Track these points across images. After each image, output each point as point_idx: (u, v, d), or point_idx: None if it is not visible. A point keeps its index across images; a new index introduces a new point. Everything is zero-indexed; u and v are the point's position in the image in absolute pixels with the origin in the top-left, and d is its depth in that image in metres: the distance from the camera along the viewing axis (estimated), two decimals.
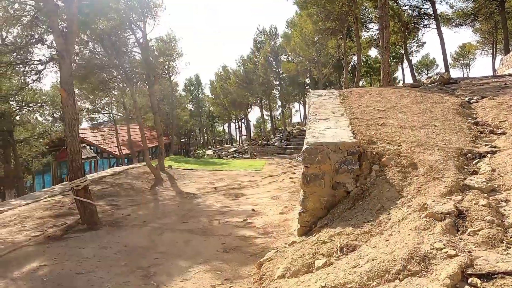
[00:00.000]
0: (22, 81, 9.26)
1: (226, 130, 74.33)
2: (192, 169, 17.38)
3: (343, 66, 23.55)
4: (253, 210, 8.92)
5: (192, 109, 50.25)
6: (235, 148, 33.08)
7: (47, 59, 8.11)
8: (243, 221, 7.77)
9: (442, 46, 24.28)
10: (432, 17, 26.17)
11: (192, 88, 52.02)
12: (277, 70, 38.65)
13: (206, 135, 60.81)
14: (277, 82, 39.59)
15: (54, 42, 7.59)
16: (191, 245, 6.13)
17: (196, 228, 7.21)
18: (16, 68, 8.67)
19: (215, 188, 12.48)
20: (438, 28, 24.36)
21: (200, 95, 53.17)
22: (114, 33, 13.08)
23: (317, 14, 18.82)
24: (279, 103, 48.89)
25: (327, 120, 6.30)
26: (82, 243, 6.31)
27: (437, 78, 10.59)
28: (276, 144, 33.33)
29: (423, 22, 26.85)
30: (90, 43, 11.87)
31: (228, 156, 28.21)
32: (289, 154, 30.45)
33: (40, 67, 8.65)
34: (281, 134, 36.03)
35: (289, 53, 32.09)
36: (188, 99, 46.95)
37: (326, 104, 8.09)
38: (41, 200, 10.15)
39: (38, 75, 8.92)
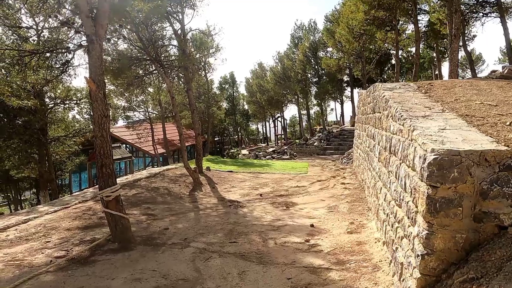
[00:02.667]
0: (49, 72, 8.29)
1: (260, 129, 73.29)
2: (231, 171, 16.09)
3: (394, 59, 21.54)
4: (312, 225, 7.44)
5: (226, 107, 49.33)
6: (273, 148, 31.59)
7: (76, 46, 7.01)
8: (304, 241, 6.30)
9: (506, 37, 21.72)
10: (493, 5, 23.60)
11: (226, 86, 51.07)
12: (315, 67, 36.93)
13: (239, 134, 59.75)
14: (316, 79, 37.82)
15: (82, 25, 6.39)
16: (247, 279, 4.73)
17: (249, 251, 5.82)
18: (42, 58, 7.69)
19: (261, 195, 11.08)
20: (502, 17, 21.81)
21: (234, 94, 52.21)
22: (150, 22, 11.96)
23: (369, 3, 17.02)
24: (314, 101, 46.92)
25: (430, 118, 4.69)
26: (111, 270, 5.06)
27: None
28: (315, 144, 31.60)
29: (483, 11, 24.21)
30: (124, 32, 10.79)
31: (266, 157, 26.80)
32: (329, 155, 28.73)
33: (68, 57, 7.61)
34: (320, 134, 34.22)
35: (331, 48, 30.24)
36: (223, 97, 45.99)
37: (409, 98, 6.44)
38: (70, 206, 9.13)
39: (66, 65, 7.87)
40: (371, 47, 30.42)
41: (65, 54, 7.60)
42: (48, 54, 7.59)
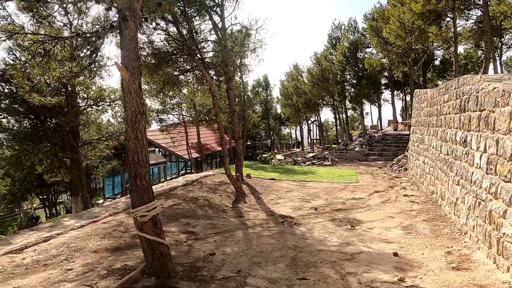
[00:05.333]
0: (76, 64, 7.17)
1: (292, 134, 71.62)
2: (274, 179, 14.60)
3: (453, 57, 19.42)
4: (395, 254, 5.81)
5: (260, 111, 48.02)
6: (313, 154, 29.87)
7: (107, 26, 5.79)
8: (398, 281, 4.70)
9: None
10: None
11: (260, 90, 49.76)
12: (355, 68, 34.95)
13: (272, 138, 58.27)
14: (355, 81, 35.77)
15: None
16: None
17: None
18: (67, 45, 6.58)
19: (316, 208, 9.50)
20: None
21: (268, 97, 50.83)
22: (190, 13, 10.74)
23: None
24: (349, 105, 44.66)
25: None
26: None
27: None
28: (356, 149, 29.66)
29: None
30: (161, 23, 9.60)
31: (306, 163, 25.13)
32: (373, 161, 26.80)
33: (97, 43, 6.42)
34: (361, 139, 32.20)
35: (375, 46, 28.26)
36: (257, 101, 44.75)
37: None
38: (99, 220, 7.92)
39: (94, 54, 6.67)
40: (417, 47, 28.25)
41: (94, 40, 6.41)
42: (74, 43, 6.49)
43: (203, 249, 6.14)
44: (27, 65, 8.13)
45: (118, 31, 5.22)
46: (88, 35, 6.18)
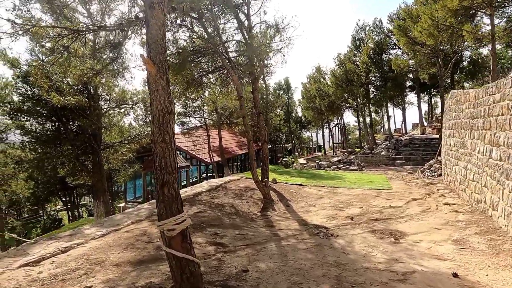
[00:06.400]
0: (97, 61, 6.72)
1: (313, 137, 70.62)
2: (301, 184, 13.90)
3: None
4: (455, 275, 5.06)
5: (282, 114, 47.33)
6: (339, 158, 28.98)
7: (131, 18, 5.29)
8: None
9: None
10: None
11: (281, 93, 49.09)
12: (380, 70, 33.88)
13: (293, 141, 57.44)
14: (380, 83, 34.66)
15: None
16: None
17: None
18: (88, 41, 6.17)
19: (352, 218, 8.76)
20: None
21: (289, 100, 50.10)
22: (216, 11, 10.22)
23: None
24: (371, 107, 43.41)
25: None
26: None
27: None
28: (382, 153, 28.60)
29: None
30: (186, 20, 9.10)
31: (331, 167, 24.27)
32: (400, 166, 25.77)
33: (119, 37, 5.93)
34: (387, 142, 31.09)
35: (403, 47, 27.20)
36: (280, 103, 44.12)
37: None
38: (121, 228, 7.42)
39: (117, 49, 6.19)
40: (445, 47, 27.01)
41: (117, 34, 5.94)
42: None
43: (235, 264, 5.52)
44: (46, 62, 7.78)
45: (143, 22, 4.67)
46: (111, 28, 5.70)
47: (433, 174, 17.67)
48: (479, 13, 20.83)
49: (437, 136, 28.53)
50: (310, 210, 9.75)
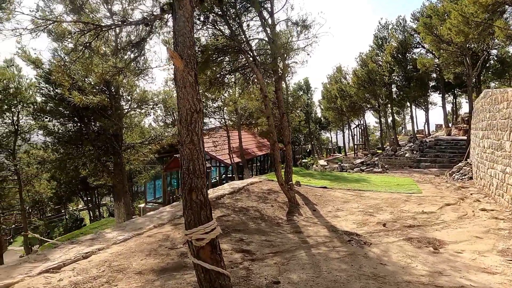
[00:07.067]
0: (120, 59, 6.48)
1: (332, 139, 69.65)
2: (325, 187, 13.42)
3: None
4: None
5: (302, 115, 46.76)
6: (362, 160, 28.29)
7: (156, 11, 5.00)
8: None
9: None
10: None
11: (301, 93, 48.49)
12: (404, 69, 32.90)
13: (312, 143, 56.70)
14: (405, 83, 33.66)
15: None
16: None
17: None
18: (111, 37, 5.92)
19: (384, 224, 8.26)
20: None
21: (308, 101, 49.43)
22: (239, 7, 9.90)
23: None
24: (390, 108, 42.36)
25: None
26: None
27: None
28: (407, 155, 27.72)
29: None
30: (210, 16, 8.79)
31: (354, 169, 23.63)
32: (425, 168, 24.89)
33: (143, 33, 5.64)
34: (412, 144, 30.18)
35: (428, 46, 26.33)
36: (300, 104, 43.62)
37: None
38: (144, 232, 7.15)
39: (141, 46, 5.90)
40: (472, 45, 25.98)
41: (140, 29, 5.67)
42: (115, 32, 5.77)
43: (264, 275, 5.14)
44: (67, 60, 7.62)
45: (169, 15, 4.35)
46: (134, 22, 5.41)
47: (463, 177, 16.89)
48: (509, 9, 19.93)
49: (464, 137, 27.51)
50: (338, 215, 9.28)
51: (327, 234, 7.48)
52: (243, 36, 9.78)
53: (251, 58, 9.84)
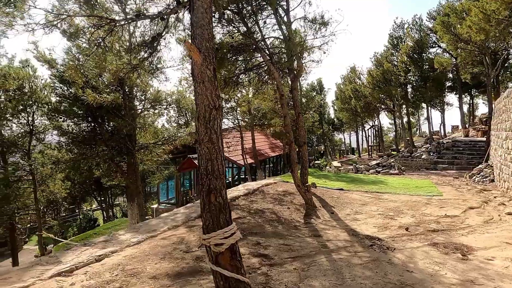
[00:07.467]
0: (135, 55, 6.31)
1: (345, 140, 68.99)
2: (342, 189, 13.08)
3: None
4: None
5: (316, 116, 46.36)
6: (378, 161, 27.79)
7: (172, 4, 4.79)
8: None
9: None
10: None
11: (314, 94, 48.07)
12: (420, 69, 32.26)
13: (325, 144, 56.19)
14: (420, 83, 33.01)
15: None
16: None
17: None
18: (125, 32, 5.74)
19: (406, 228, 7.91)
20: None
21: (322, 102, 48.96)
22: (254, 5, 9.66)
23: None
24: (405, 109, 41.67)
25: None
26: None
27: None
28: (423, 157, 27.11)
29: None
30: (226, 12, 8.58)
31: (370, 171, 23.18)
32: (443, 170, 24.31)
33: (158, 26, 5.46)
34: (428, 145, 29.52)
35: (446, 44, 25.71)
36: (314, 105, 43.23)
37: None
38: (158, 234, 6.96)
39: (156, 41, 5.70)
40: (491, 44, 25.28)
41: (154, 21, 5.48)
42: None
43: (284, 281, 4.88)
44: (80, 57, 7.50)
45: (186, 8, 4.14)
46: (150, 16, 5.21)
47: (484, 179, 16.35)
48: None
49: (483, 138, 26.80)
50: (357, 218, 8.95)
51: (348, 238, 7.17)
52: (259, 34, 9.55)
53: (267, 57, 9.59)
